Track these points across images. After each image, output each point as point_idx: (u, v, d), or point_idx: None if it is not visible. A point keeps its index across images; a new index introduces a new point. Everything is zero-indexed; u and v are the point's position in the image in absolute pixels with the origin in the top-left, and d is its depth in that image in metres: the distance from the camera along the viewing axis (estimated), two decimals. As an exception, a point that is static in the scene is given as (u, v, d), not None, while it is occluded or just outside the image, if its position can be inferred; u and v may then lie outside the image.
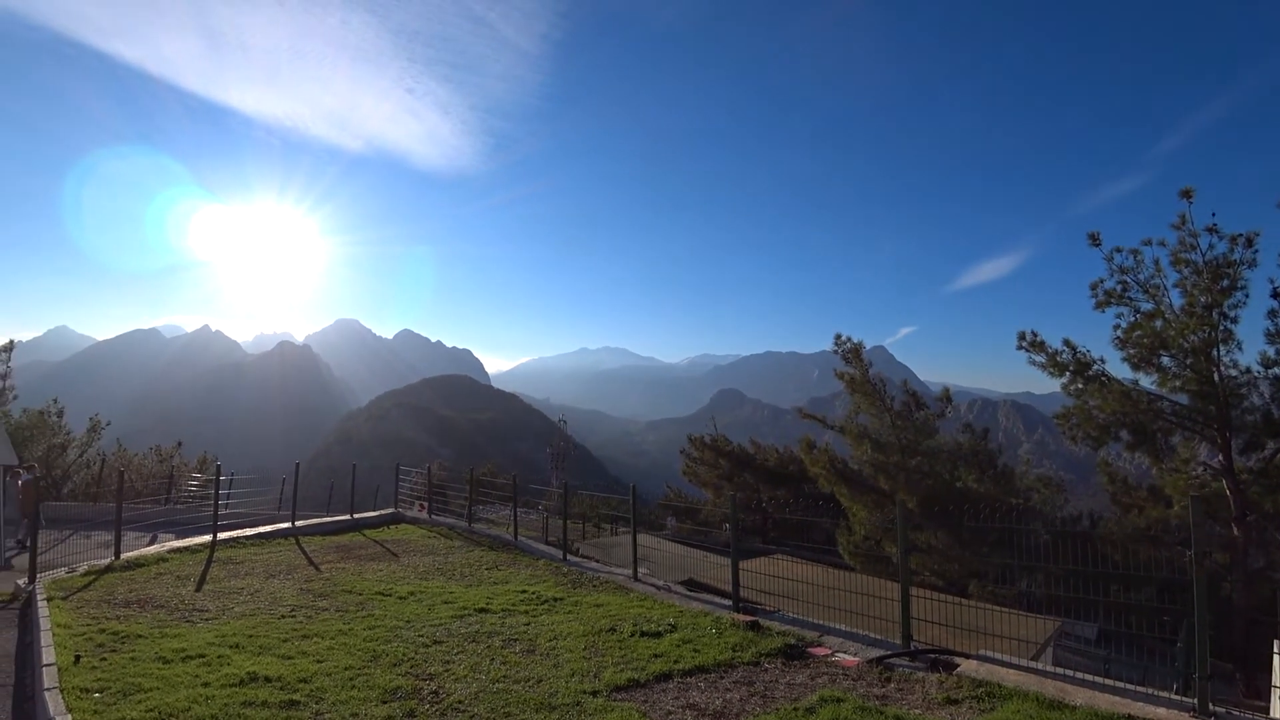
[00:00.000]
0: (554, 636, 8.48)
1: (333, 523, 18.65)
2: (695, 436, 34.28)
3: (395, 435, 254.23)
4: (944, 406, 22.93)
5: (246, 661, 7.30)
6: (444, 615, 9.50)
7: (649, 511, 34.40)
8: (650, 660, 7.54)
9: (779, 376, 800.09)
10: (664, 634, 8.52)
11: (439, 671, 7.21)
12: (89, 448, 26.61)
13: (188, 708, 6.01)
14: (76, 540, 16.22)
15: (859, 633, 8.89)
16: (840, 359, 23.03)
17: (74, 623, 8.60)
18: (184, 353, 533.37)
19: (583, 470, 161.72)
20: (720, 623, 9.09)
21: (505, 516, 20.86)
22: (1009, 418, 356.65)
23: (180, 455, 30.64)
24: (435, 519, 19.50)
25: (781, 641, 8.28)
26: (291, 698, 6.35)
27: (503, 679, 6.96)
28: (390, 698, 6.47)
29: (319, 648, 7.94)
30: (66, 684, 6.41)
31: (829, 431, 24.99)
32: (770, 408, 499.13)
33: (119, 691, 6.39)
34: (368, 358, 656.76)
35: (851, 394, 23.04)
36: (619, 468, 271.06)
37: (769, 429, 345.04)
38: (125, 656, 7.42)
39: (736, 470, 32.19)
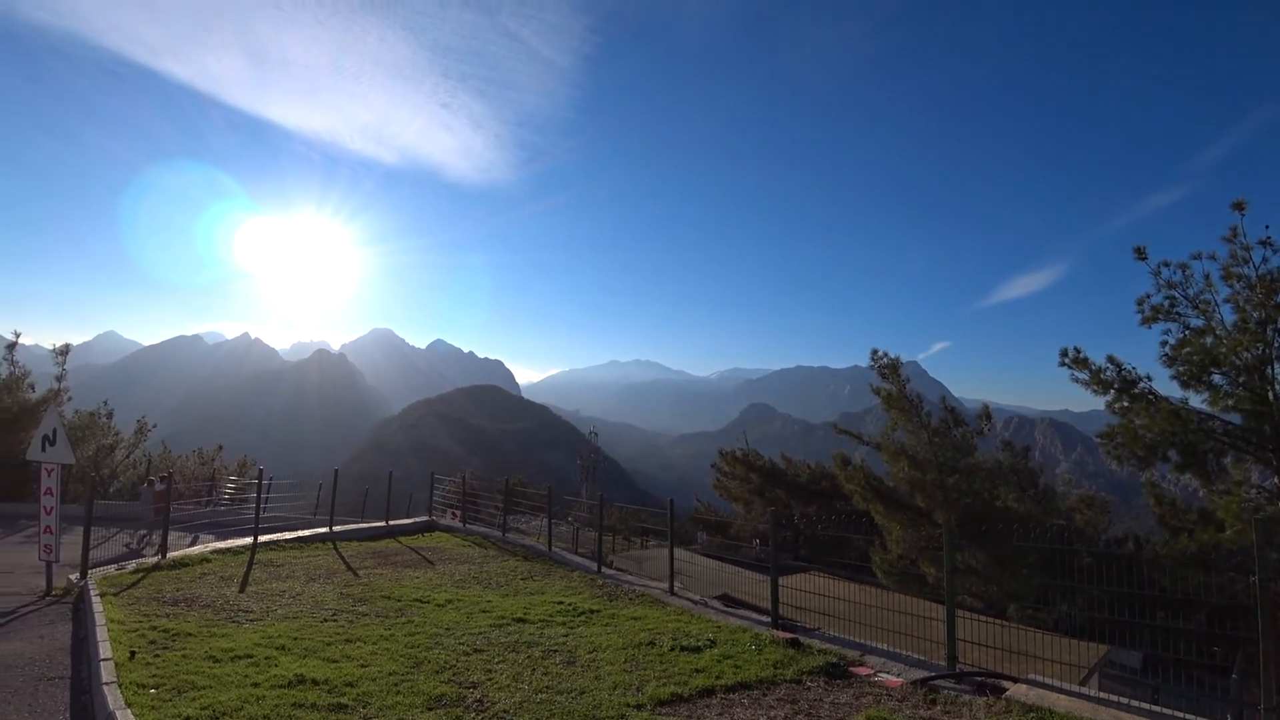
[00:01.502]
0: (593, 649, 8.46)
1: (369, 529, 18.89)
2: (726, 451, 34.08)
3: (427, 444, 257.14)
4: (984, 424, 22.49)
5: (294, 663, 7.41)
6: (483, 624, 9.54)
7: (679, 525, 34.22)
8: (692, 675, 7.48)
9: (810, 391, 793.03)
10: (704, 649, 8.45)
11: (482, 680, 7.23)
12: (135, 449, 27.37)
13: (240, 707, 6.12)
14: (124, 538, 16.69)
15: (901, 653, 8.74)
16: (876, 374, 22.74)
17: (127, 619, 8.82)
18: (225, 359, 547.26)
19: (612, 483, 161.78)
20: (760, 639, 8.99)
21: (537, 527, 20.94)
22: (1046, 436, 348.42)
23: (221, 458, 31.38)
24: (469, 527, 19.64)
25: (823, 660, 8.16)
26: (339, 701, 6.42)
27: (545, 690, 6.96)
28: (435, 704, 6.51)
29: (362, 652, 8.03)
30: (124, 679, 6.57)
31: (863, 447, 24.67)
32: (801, 423, 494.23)
33: (173, 688, 6.53)
34: (401, 367, 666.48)
35: (888, 410, 22.71)
36: (648, 481, 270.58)
37: (799, 444, 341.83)
38: (177, 654, 7.58)
39: (768, 485, 31.89)
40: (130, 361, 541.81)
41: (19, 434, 21.36)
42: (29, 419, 21.66)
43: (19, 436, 21.29)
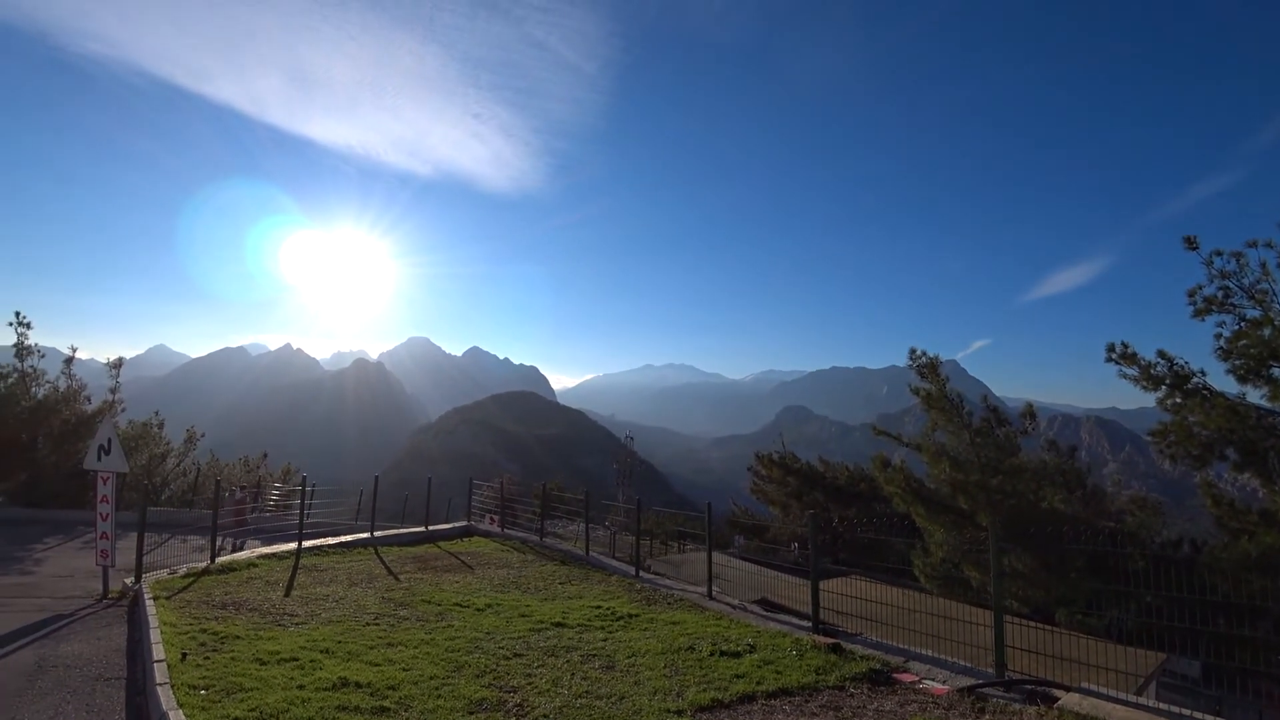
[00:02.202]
0: (632, 653, 8.42)
1: (409, 534, 19.14)
2: (763, 454, 33.80)
3: (464, 450, 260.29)
4: (1027, 423, 21.90)
5: (337, 667, 7.52)
6: (522, 628, 9.58)
7: (717, 529, 34.03)
8: (732, 681, 7.39)
9: (846, 392, 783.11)
10: (744, 654, 8.35)
11: (522, 684, 7.25)
12: (185, 457, 28.20)
13: (286, 709, 6.23)
14: (174, 544, 17.18)
15: (946, 659, 8.52)
16: (914, 373, 22.32)
17: (178, 621, 9.06)
18: (268, 370, 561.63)
19: (648, 487, 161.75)
20: (800, 644, 8.85)
21: (574, 531, 20.98)
22: (1093, 435, 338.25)
23: (265, 466, 32.15)
24: (507, 532, 19.78)
25: (866, 666, 8.01)
26: (381, 704, 6.50)
27: (585, 694, 6.95)
28: (476, 708, 6.54)
29: (404, 656, 8.12)
30: (176, 680, 6.75)
31: (902, 449, 24.22)
32: (838, 424, 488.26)
33: (222, 690, 6.68)
34: (438, 375, 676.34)
35: (927, 410, 22.27)
36: (684, 484, 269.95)
37: (836, 446, 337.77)
38: (226, 656, 7.76)
39: (805, 488, 31.53)
40: (179, 373, 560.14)
41: (77, 444, 22.18)
42: (86, 429, 22.47)
43: (77, 446, 22.11)
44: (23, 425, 21.94)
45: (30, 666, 7.65)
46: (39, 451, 22.19)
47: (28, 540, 16.37)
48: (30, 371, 22.85)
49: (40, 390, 22.92)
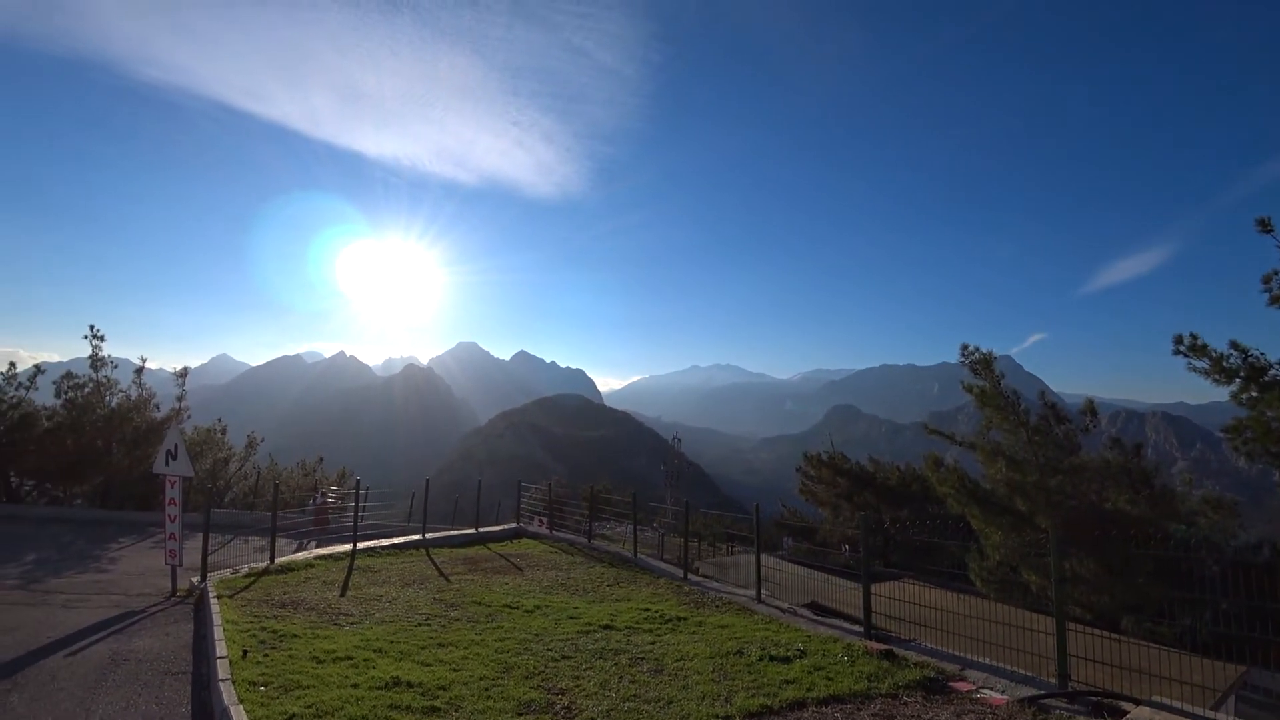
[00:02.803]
0: (680, 657, 8.36)
1: (459, 536, 19.44)
2: (811, 454, 33.28)
3: (512, 453, 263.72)
4: (1088, 420, 21.03)
5: (390, 666, 7.67)
6: (570, 630, 9.61)
7: (765, 531, 33.66)
8: (781, 687, 7.27)
9: (896, 391, 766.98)
10: (793, 659, 8.21)
11: (570, 687, 7.27)
12: (247, 462, 29.24)
13: (340, 707, 6.37)
14: (237, 545, 17.82)
15: (1004, 667, 8.21)
16: (967, 370, 21.66)
17: (240, 619, 9.37)
18: (323, 376, 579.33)
19: (696, 489, 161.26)
20: (852, 650, 8.65)
21: (622, 533, 21.03)
22: (1159, 431, 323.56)
23: (321, 469, 33.11)
24: (555, 534, 19.92)
25: (920, 674, 7.77)
26: (432, 704, 6.59)
27: (633, 698, 6.92)
28: (524, 710, 6.58)
29: (454, 656, 8.22)
30: (237, 676, 6.99)
31: (955, 448, 23.53)
32: (888, 423, 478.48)
33: (280, 686, 6.88)
34: (486, 378, 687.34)
35: (981, 408, 21.59)
36: (732, 486, 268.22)
37: (887, 446, 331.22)
38: (284, 654, 7.98)
39: (855, 489, 30.92)
40: (240, 381, 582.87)
41: (147, 449, 23.21)
42: (155, 436, 23.50)
43: (147, 451, 23.13)
44: (98, 432, 23.07)
45: (105, 660, 8.02)
46: (113, 457, 23.29)
47: (104, 540, 17.18)
48: (104, 381, 24.02)
49: (113, 399, 24.06)
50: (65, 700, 6.78)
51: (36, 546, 15.66)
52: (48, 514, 20.55)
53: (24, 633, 8.97)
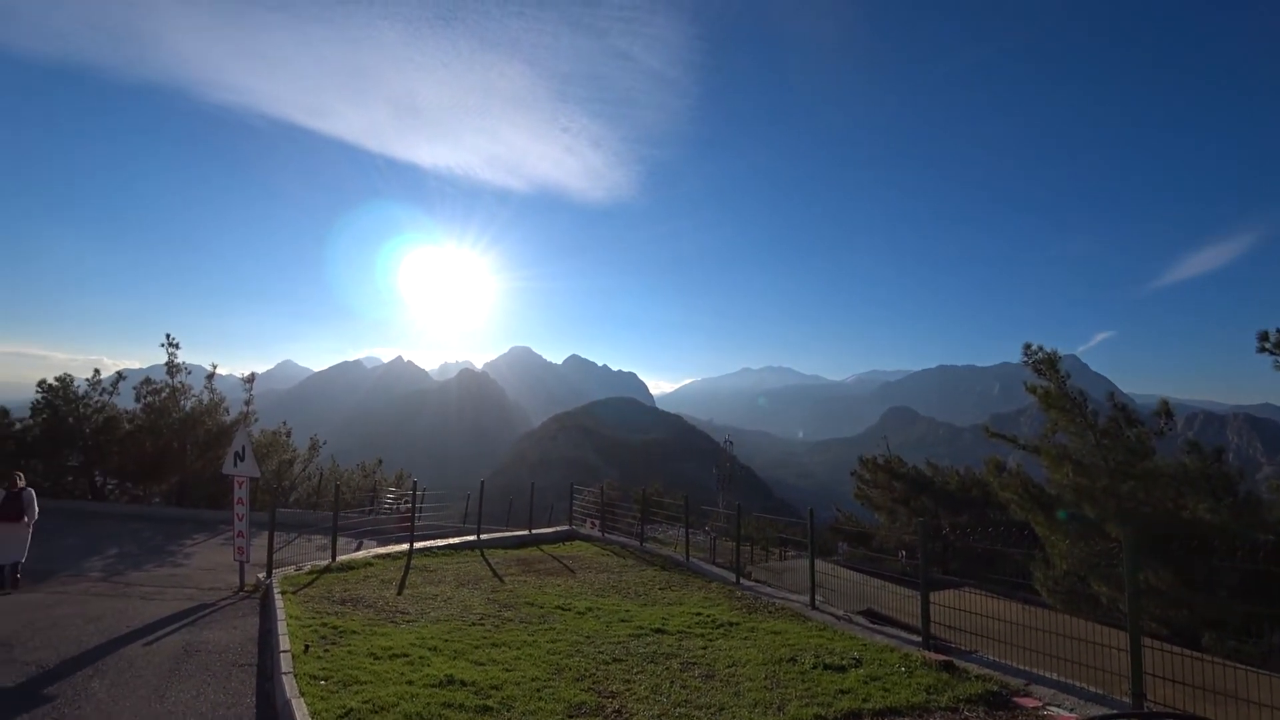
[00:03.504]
0: (732, 663, 8.25)
1: (513, 537, 19.69)
2: (867, 457, 32.56)
3: (565, 456, 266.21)
4: (1162, 422, 19.96)
5: (444, 664, 7.79)
6: (622, 633, 9.59)
7: (819, 535, 33.11)
8: (836, 696, 7.08)
9: (954, 392, 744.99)
10: (848, 669, 7.99)
11: (620, 690, 7.24)
12: (310, 463, 30.28)
13: (396, 703, 6.49)
14: (301, 543, 18.44)
15: (1073, 684, 7.75)
16: (1030, 370, 20.82)
17: (302, 615, 9.67)
18: (381, 381, 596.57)
19: (748, 492, 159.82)
20: (910, 660, 8.38)
21: (674, 536, 20.96)
22: (1242, 435, 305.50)
23: (381, 471, 34.03)
24: (608, 537, 19.98)
25: (982, 687, 7.46)
26: (485, 703, 6.66)
27: (684, 704, 6.85)
28: (576, 712, 6.59)
29: (507, 656, 8.31)
30: (299, 670, 7.22)
31: (1018, 452, 22.66)
32: (946, 426, 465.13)
33: (339, 681, 7.06)
34: (539, 382, 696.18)
35: (1046, 410, 20.72)
36: (785, 489, 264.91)
37: (945, 449, 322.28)
38: (343, 650, 8.20)
39: (912, 494, 30.10)
40: (304, 386, 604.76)
41: (218, 451, 24.26)
42: (225, 438, 24.56)
43: (218, 453, 24.18)
44: (174, 434, 24.25)
45: (179, 650, 8.40)
46: (187, 457, 24.44)
47: (179, 536, 18.01)
48: (179, 386, 25.26)
49: (187, 403, 25.27)
50: (142, 688, 7.11)
51: (119, 541, 16.51)
52: (129, 511, 21.66)
53: (106, 622, 9.47)
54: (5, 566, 11.58)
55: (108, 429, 23.48)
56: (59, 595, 10.96)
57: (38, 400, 23.12)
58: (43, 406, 23.00)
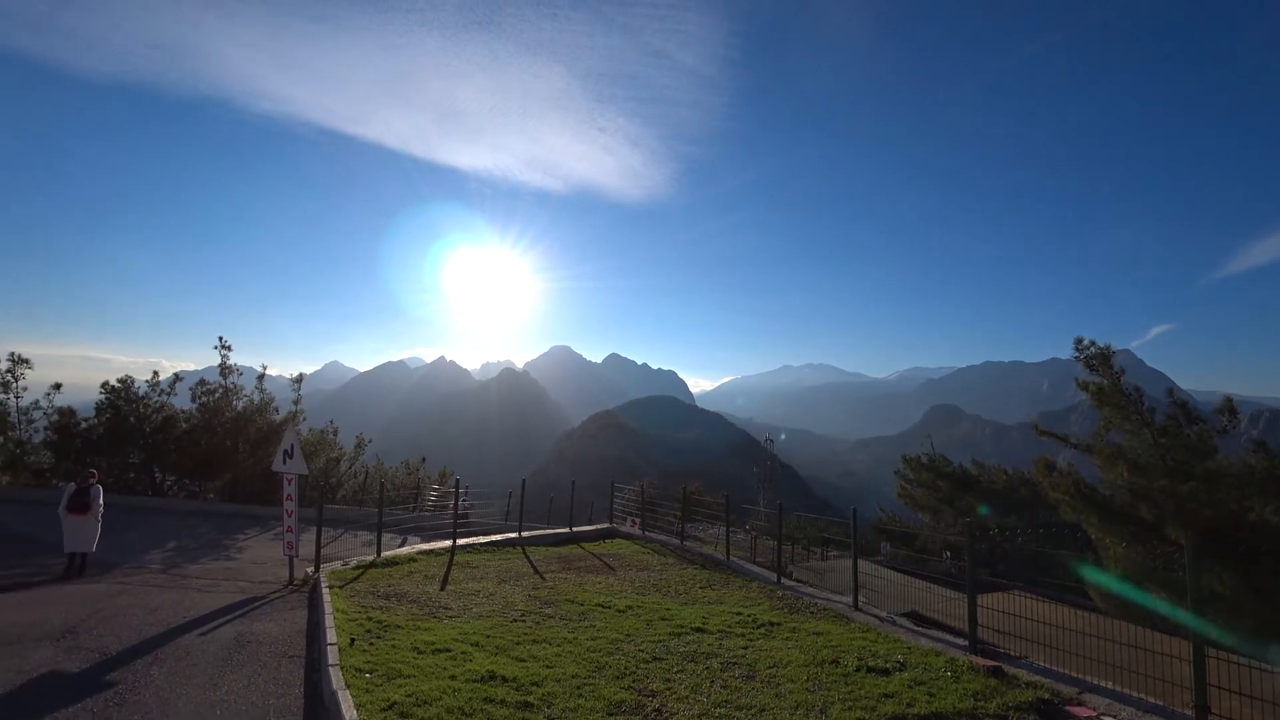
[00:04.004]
0: (773, 664, 8.16)
1: (553, 535, 19.83)
2: (910, 456, 31.95)
3: (604, 454, 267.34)
4: (1225, 420, 19.08)
5: (486, 660, 7.87)
6: (662, 632, 9.57)
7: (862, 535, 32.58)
8: (880, 700, 6.94)
9: (1001, 389, 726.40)
10: (893, 672, 7.83)
11: (661, 689, 7.22)
12: (355, 461, 30.96)
13: (439, 697, 6.58)
14: (347, 538, 18.87)
15: (1129, 694, 7.42)
16: (1081, 366, 20.11)
17: (348, 609, 9.89)
18: (424, 381, 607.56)
19: (789, 490, 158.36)
20: (956, 665, 8.17)
21: (714, 535, 20.87)
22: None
23: (424, 469, 34.63)
24: (648, 535, 19.99)
25: (1033, 695, 7.22)
26: (525, 699, 6.70)
27: (724, 704, 6.79)
28: (616, 710, 6.58)
29: (548, 653, 8.36)
30: (345, 662, 7.38)
31: (1068, 450, 21.94)
32: (992, 424, 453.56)
33: (384, 674, 7.19)
34: (579, 381, 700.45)
35: (1099, 407, 20.00)
36: (826, 488, 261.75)
37: (991, 448, 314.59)
38: (387, 644, 8.35)
39: (958, 493, 29.43)
40: (350, 386, 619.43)
41: (269, 449, 24.98)
42: (275, 437, 25.29)
43: (268, 451, 24.90)
44: (227, 433, 25.06)
45: (231, 640, 8.68)
46: (240, 455, 25.23)
47: (232, 531, 18.60)
48: (232, 387, 26.10)
49: (239, 403, 26.08)
50: (197, 676, 7.37)
51: (177, 535, 17.13)
52: (186, 507, 22.45)
53: (164, 613, 9.83)
54: (75, 555, 12.26)
55: (166, 428, 24.38)
56: (121, 586, 11.40)
57: (101, 401, 24.11)
58: (106, 406, 23.98)
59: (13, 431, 21.99)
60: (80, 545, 12.29)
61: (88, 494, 12.53)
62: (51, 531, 15.09)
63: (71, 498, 12.41)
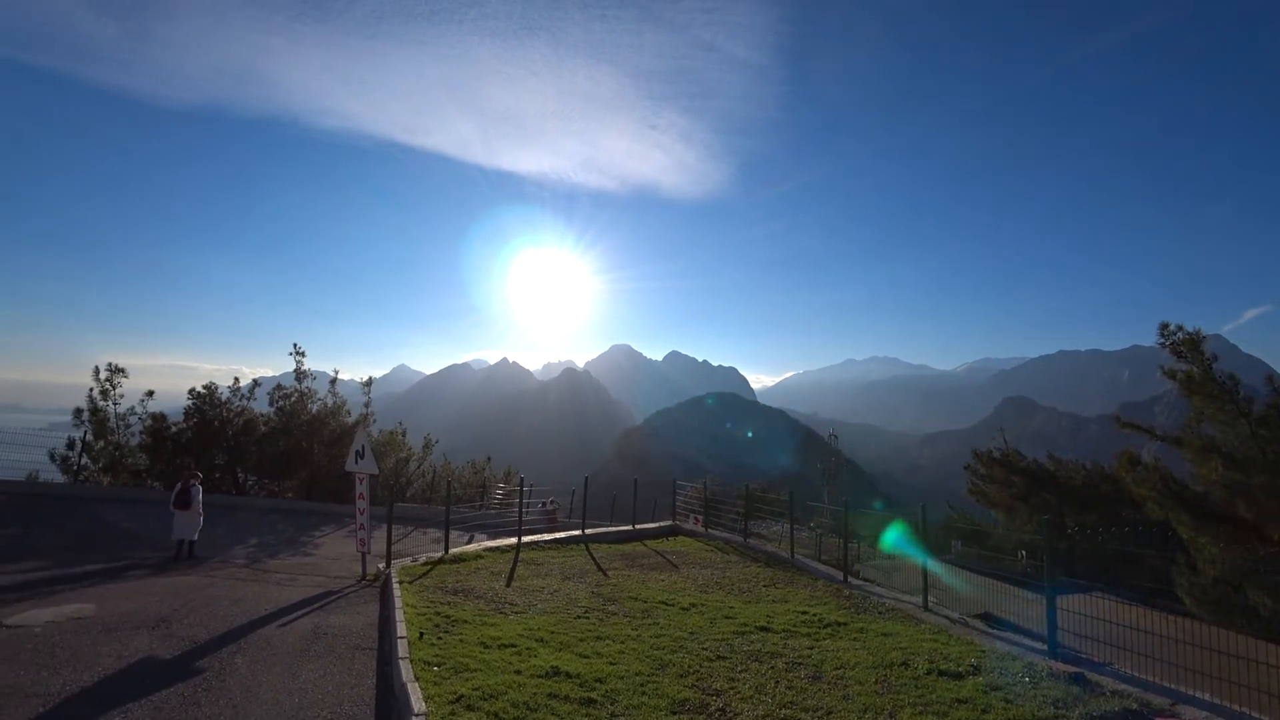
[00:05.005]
0: (840, 665, 7.98)
1: (616, 532, 19.94)
2: (982, 451, 30.73)
3: (666, 451, 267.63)
4: (1335, 412, 17.68)
5: (550, 656, 7.97)
6: (725, 630, 9.50)
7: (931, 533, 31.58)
8: (953, 706, 6.69)
9: (1077, 380, 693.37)
10: (966, 676, 7.55)
11: (724, 689, 7.16)
12: (424, 461, 31.89)
13: (504, 691, 6.70)
14: (416, 535, 19.43)
15: (1230, 707, 6.88)
16: (1167, 353, 18.89)
17: (418, 604, 10.19)
18: (488, 382, 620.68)
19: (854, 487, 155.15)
20: (1034, 670, 7.81)
21: (778, 533, 20.59)
22: None
23: (490, 468, 35.36)
24: (710, 532, 19.89)
25: (1119, 704, 6.83)
26: (589, 695, 6.75)
27: (789, 705, 6.68)
28: (679, 709, 6.56)
29: (611, 650, 8.40)
30: (414, 656, 7.61)
31: (1153, 444, 20.69)
32: (1069, 416, 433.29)
33: (451, 668, 7.37)
34: (640, 379, 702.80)
35: (1189, 396, 18.74)
36: (893, 485, 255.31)
37: (1068, 441, 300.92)
38: (455, 638, 8.56)
39: (1033, 490, 28.11)
40: (417, 388, 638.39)
41: (342, 450, 25.98)
42: (347, 438, 26.29)
43: (341, 452, 25.89)
44: (303, 435, 26.18)
45: (309, 632, 9.06)
46: (315, 456, 26.32)
47: (308, 528, 19.40)
48: (306, 391, 27.26)
49: (314, 406, 27.22)
50: (277, 665, 7.72)
51: (258, 532, 17.97)
52: (266, 505, 23.54)
53: (247, 605, 10.33)
54: (182, 543, 13.93)
55: (247, 430, 25.63)
56: (210, 579, 12.04)
57: (189, 406, 25.53)
58: (193, 411, 25.37)
59: (112, 436, 23.49)
60: (185, 534, 13.99)
61: (189, 492, 14.14)
62: (148, 527, 16.12)
63: (177, 495, 14.09)
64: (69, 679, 6.95)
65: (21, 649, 7.69)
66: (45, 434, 23.36)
